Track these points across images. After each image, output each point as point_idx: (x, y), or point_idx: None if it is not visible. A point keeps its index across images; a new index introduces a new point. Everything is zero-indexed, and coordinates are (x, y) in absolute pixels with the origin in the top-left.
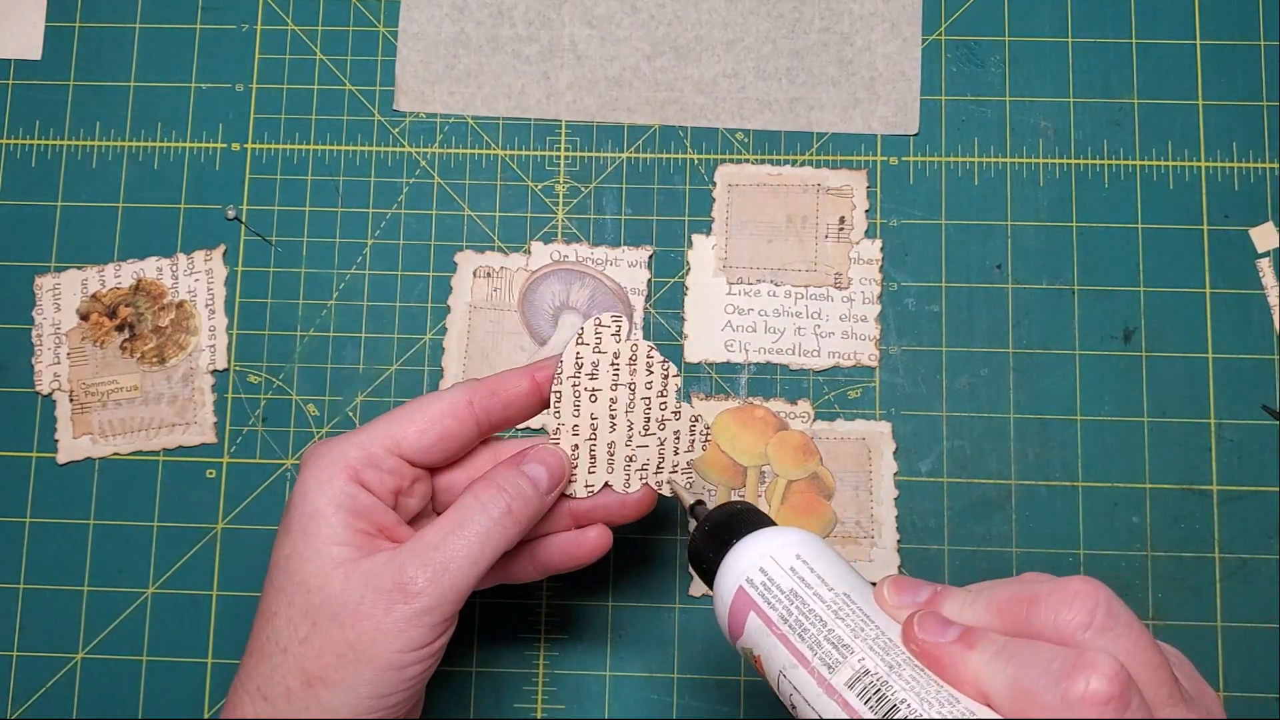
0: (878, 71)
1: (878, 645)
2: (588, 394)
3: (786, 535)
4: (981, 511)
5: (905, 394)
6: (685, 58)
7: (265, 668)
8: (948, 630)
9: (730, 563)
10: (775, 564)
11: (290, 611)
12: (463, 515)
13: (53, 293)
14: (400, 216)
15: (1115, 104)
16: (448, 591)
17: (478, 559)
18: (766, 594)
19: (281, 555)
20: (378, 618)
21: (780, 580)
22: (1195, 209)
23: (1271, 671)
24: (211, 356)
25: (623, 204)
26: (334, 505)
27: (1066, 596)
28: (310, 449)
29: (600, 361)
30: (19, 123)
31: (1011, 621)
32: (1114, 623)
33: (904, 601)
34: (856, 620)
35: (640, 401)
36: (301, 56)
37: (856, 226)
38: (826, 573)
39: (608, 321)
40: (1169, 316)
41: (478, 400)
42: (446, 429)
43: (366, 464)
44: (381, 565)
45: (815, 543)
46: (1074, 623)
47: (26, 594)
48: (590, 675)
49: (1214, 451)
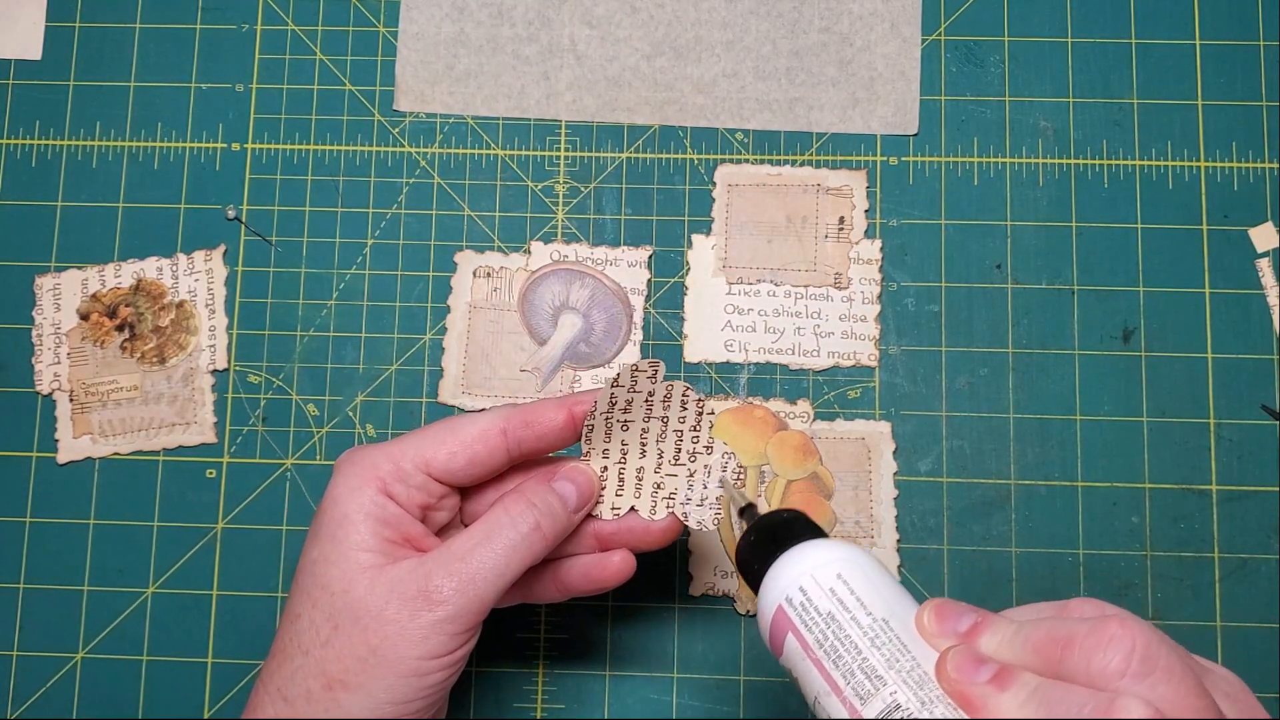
0: (877, 71)
1: (912, 679)
2: (620, 424)
3: (830, 551)
4: (981, 511)
5: (905, 394)
6: (685, 58)
7: (287, 669)
8: (981, 670)
9: (772, 578)
10: (815, 583)
11: (314, 614)
12: (491, 528)
13: (53, 293)
14: (400, 216)
15: (1115, 104)
16: (472, 602)
17: (503, 572)
18: (804, 615)
19: (309, 559)
20: (401, 623)
21: (819, 602)
22: (1195, 209)
23: (1271, 671)
24: (211, 356)
25: (622, 204)
26: (363, 513)
27: (1102, 641)
28: (345, 455)
29: (635, 399)
30: (19, 123)
31: (1047, 663)
32: (1151, 667)
33: (945, 630)
34: (893, 650)
35: (673, 434)
36: (301, 56)
37: (856, 226)
38: (867, 595)
39: (644, 366)
40: (1169, 316)
41: (511, 429)
42: (476, 454)
43: (396, 478)
44: (407, 572)
45: (859, 559)
46: (1110, 669)
47: (26, 594)
48: (590, 675)
49: (1213, 451)
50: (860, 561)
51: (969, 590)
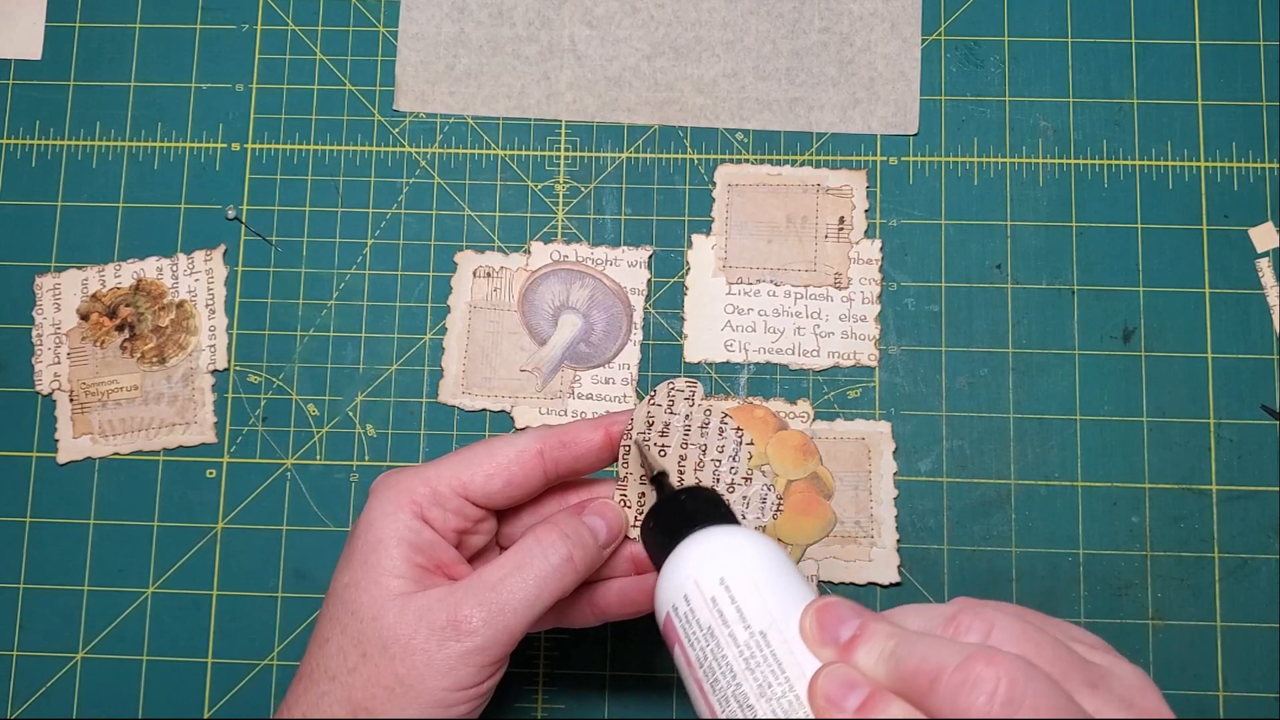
0: (877, 72)
1: (782, 706)
2: (658, 449)
3: (715, 550)
4: (981, 511)
5: (905, 394)
6: (685, 58)
7: (313, 694)
8: (849, 697)
9: (663, 582)
10: (698, 590)
11: (342, 640)
12: (523, 558)
13: (53, 293)
14: (400, 216)
15: (1115, 104)
16: (501, 633)
17: (534, 603)
18: (688, 628)
19: (340, 583)
20: (429, 653)
21: (700, 614)
22: (1195, 209)
23: (1271, 671)
24: (211, 356)
25: (623, 204)
26: (396, 538)
27: (967, 681)
28: (380, 480)
29: (672, 422)
30: (19, 123)
31: (915, 692)
32: (1014, 709)
33: (826, 639)
34: (766, 672)
35: (710, 463)
36: (301, 56)
37: (856, 226)
38: (749, 602)
39: (681, 386)
40: (1169, 316)
41: (548, 450)
42: (513, 476)
43: (432, 502)
44: (437, 600)
45: (747, 556)
46: (972, 712)
47: (26, 594)
48: (590, 675)
49: (1213, 451)
50: (747, 559)
51: (969, 590)
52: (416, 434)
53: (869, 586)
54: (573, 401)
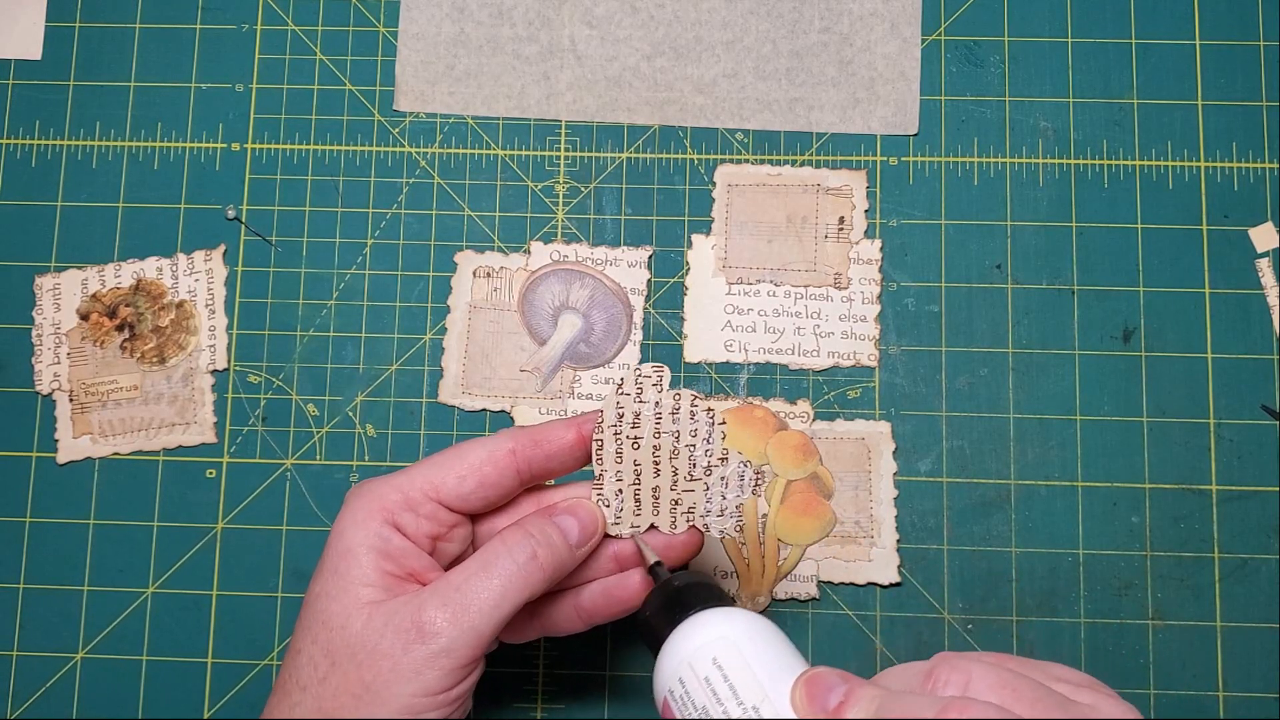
0: (877, 72)
1: None
2: (630, 441)
3: (707, 632)
4: (981, 511)
5: (905, 394)
6: (685, 58)
7: (285, 705)
8: None
9: (659, 669)
10: (693, 673)
11: (313, 650)
12: (488, 558)
13: (53, 293)
14: (400, 216)
15: (1115, 104)
16: (467, 633)
17: (499, 603)
18: (685, 710)
19: (312, 594)
20: (395, 657)
21: (695, 695)
22: (1195, 209)
23: (1271, 671)
24: (211, 356)
25: (622, 204)
26: (366, 546)
27: None
28: (354, 488)
29: (642, 411)
30: (19, 123)
31: None
32: None
33: (815, 709)
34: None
35: (685, 449)
36: (301, 56)
37: (856, 226)
38: (741, 680)
39: (649, 372)
40: (1168, 316)
41: (520, 449)
42: (485, 477)
43: (404, 508)
44: (403, 605)
45: (738, 635)
46: None
47: (26, 594)
48: (590, 675)
49: (1213, 451)
50: (738, 638)
51: (969, 590)
52: (416, 434)
53: (869, 586)
54: (573, 401)
